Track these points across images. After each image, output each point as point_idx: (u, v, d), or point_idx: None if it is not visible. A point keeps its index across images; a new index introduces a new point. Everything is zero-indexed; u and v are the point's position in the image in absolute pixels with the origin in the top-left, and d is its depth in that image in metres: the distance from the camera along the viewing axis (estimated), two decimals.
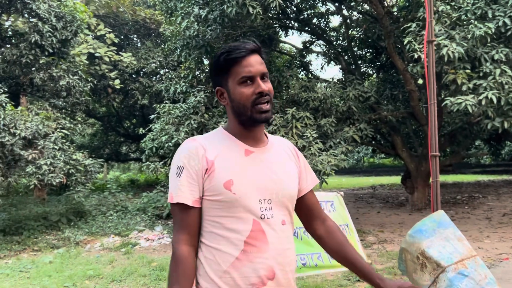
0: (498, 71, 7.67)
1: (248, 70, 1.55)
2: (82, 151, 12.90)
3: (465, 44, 7.81)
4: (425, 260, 3.50)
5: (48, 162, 9.29)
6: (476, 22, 7.84)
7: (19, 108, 10.58)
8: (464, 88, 7.78)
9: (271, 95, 1.58)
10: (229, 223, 1.52)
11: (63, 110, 12.65)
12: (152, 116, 10.83)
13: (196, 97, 10.05)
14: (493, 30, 7.67)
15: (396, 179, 21.01)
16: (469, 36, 7.83)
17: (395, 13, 12.59)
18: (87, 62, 14.55)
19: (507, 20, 7.80)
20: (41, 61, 11.66)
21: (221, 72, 1.60)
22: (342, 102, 10.52)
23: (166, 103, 10.64)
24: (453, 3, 8.54)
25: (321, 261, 3.63)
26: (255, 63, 1.56)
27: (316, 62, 71.71)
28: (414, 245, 3.53)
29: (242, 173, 1.55)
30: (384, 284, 1.71)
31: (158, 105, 10.70)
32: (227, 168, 1.54)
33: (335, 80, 12.91)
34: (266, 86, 1.57)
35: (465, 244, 3.54)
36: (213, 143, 1.59)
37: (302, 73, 14.41)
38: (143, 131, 11.35)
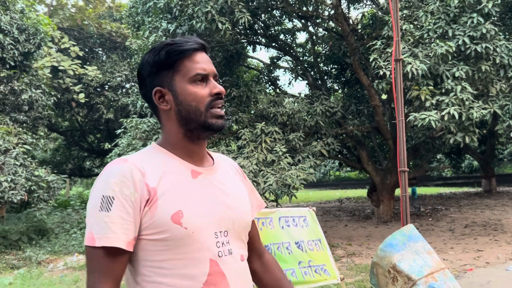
0: (459, 87, 7.97)
1: (202, 67, 1.27)
2: (44, 166, 12.52)
3: (428, 62, 8.09)
4: (396, 273, 3.57)
5: (9, 179, 8.95)
6: (437, 41, 8.15)
7: None
8: (427, 104, 8.04)
9: (223, 100, 1.33)
10: (179, 268, 1.18)
11: (25, 125, 12.28)
12: (119, 131, 10.65)
13: None
14: (454, 49, 7.99)
15: (362, 192, 21.39)
16: (432, 54, 8.12)
17: (360, 31, 12.94)
18: (50, 75, 14.21)
19: (466, 39, 8.14)
20: (2, 74, 11.30)
21: (162, 68, 1.26)
22: (309, 117, 10.67)
23: (133, 117, 10.50)
24: (415, 22, 8.86)
25: (294, 277, 3.62)
26: (206, 60, 1.29)
27: (283, 77, 72.63)
28: (385, 259, 3.60)
29: (192, 200, 1.22)
30: None
31: (125, 120, 10.54)
32: (173, 196, 1.20)
33: (302, 95, 13.09)
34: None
35: (434, 257, 3.63)
36: (152, 164, 1.23)
37: (270, 88, 14.56)
38: (109, 146, 11.14)
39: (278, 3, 11.34)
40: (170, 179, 1.22)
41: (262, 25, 12.99)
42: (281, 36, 14.17)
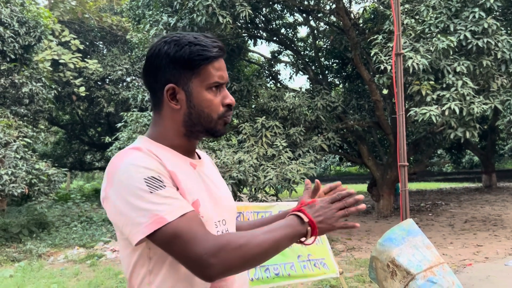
0: (460, 82, 7.95)
1: (221, 75, 1.25)
2: (45, 160, 12.52)
3: (429, 56, 8.07)
4: (395, 268, 3.57)
5: (9, 172, 8.96)
6: (439, 35, 8.12)
7: None
8: (428, 99, 8.02)
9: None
10: None
11: (25, 118, 12.27)
12: (119, 125, 10.65)
13: None
14: (455, 43, 7.96)
15: (362, 187, 21.40)
16: (433, 48, 8.09)
17: (361, 25, 12.90)
18: (51, 68, 14.19)
19: (468, 34, 8.12)
20: (2, 67, 11.29)
21: (183, 67, 1.22)
22: (310, 111, 10.66)
23: (133, 111, 10.49)
24: (417, 17, 8.82)
25: (294, 271, 3.63)
26: (224, 68, 1.27)
27: (284, 72, 72.42)
28: (384, 253, 3.60)
29: (202, 190, 1.25)
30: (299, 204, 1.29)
31: (125, 113, 10.53)
32: (189, 185, 1.21)
33: (303, 89, 13.07)
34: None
35: (433, 252, 3.64)
36: (160, 153, 1.21)
37: (271, 82, 14.53)
38: (109, 139, 11.14)
39: None
40: (178, 168, 1.21)
41: (263, 19, 12.95)
42: (282, 30, 14.12)
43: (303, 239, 1.22)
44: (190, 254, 1.08)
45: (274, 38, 13.71)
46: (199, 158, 1.38)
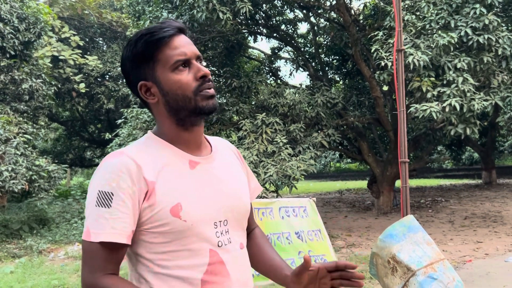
0: (460, 79, 7.95)
1: (181, 52, 1.22)
2: (45, 156, 12.52)
3: (430, 53, 8.06)
4: (396, 264, 3.58)
5: (10, 168, 8.97)
6: (440, 32, 8.11)
7: None
8: (428, 95, 8.02)
9: (212, 81, 1.27)
10: (180, 259, 1.19)
11: (25, 114, 12.26)
12: (119, 121, 10.65)
13: None
14: (456, 40, 7.95)
15: (362, 184, 21.43)
16: (433, 45, 8.08)
17: (362, 21, 12.86)
18: (51, 65, 14.18)
19: (468, 30, 8.10)
20: (2, 64, 11.27)
21: (143, 60, 1.23)
22: (310, 108, 10.65)
23: (133, 107, 10.49)
24: (418, 13, 8.81)
25: (294, 267, 3.63)
26: (186, 43, 1.24)
27: (284, 68, 72.24)
28: (385, 249, 3.61)
29: (191, 192, 1.21)
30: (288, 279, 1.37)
31: (126, 110, 10.53)
32: (172, 189, 1.19)
33: (303, 86, 13.05)
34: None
35: (433, 248, 3.64)
36: (149, 156, 1.21)
37: (271, 79, 14.51)
38: (110, 136, 11.15)
39: None
40: (168, 172, 1.21)
41: (263, 15, 12.92)
42: (282, 27, 14.09)
43: None
44: (82, 272, 1.19)
45: (274, 35, 13.68)
46: (211, 150, 1.34)
